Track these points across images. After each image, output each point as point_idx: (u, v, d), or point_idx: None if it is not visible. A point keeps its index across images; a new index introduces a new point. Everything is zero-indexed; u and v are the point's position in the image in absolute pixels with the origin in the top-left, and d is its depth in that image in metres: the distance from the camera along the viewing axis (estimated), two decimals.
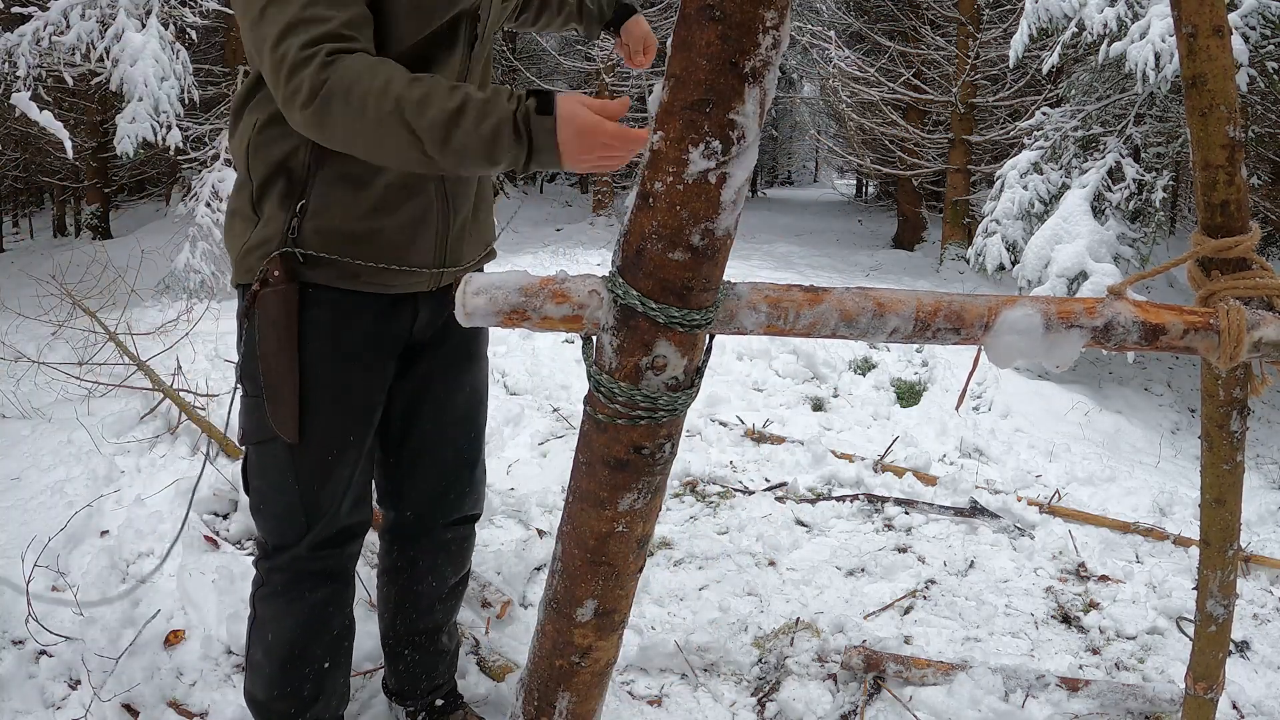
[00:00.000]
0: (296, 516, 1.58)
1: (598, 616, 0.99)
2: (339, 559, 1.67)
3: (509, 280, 0.89)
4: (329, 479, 1.57)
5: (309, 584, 1.64)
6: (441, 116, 1.19)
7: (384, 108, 1.20)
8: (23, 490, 3.29)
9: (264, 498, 1.60)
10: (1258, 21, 5.43)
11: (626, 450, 0.90)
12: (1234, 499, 1.26)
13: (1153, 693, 2.22)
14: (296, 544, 1.59)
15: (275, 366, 1.48)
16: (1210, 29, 1.03)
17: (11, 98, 6.68)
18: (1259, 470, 4.65)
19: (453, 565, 1.91)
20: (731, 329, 0.92)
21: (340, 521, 1.62)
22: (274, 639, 1.66)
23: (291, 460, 1.54)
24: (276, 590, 1.64)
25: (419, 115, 1.20)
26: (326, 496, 1.58)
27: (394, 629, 1.94)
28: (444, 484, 1.82)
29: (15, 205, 17.48)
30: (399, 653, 1.96)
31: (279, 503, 1.58)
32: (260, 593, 1.67)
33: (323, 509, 1.58)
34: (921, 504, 3.45)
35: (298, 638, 1.65)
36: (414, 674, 1.96)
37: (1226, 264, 1.09)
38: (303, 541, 1.59)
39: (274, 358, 1.48)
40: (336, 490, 1.59)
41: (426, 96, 1.21)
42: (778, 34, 0.74)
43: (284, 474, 1.55)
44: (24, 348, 5.12)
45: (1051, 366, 0.97)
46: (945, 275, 10.81)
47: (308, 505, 1.57)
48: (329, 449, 1.55)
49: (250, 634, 1.70)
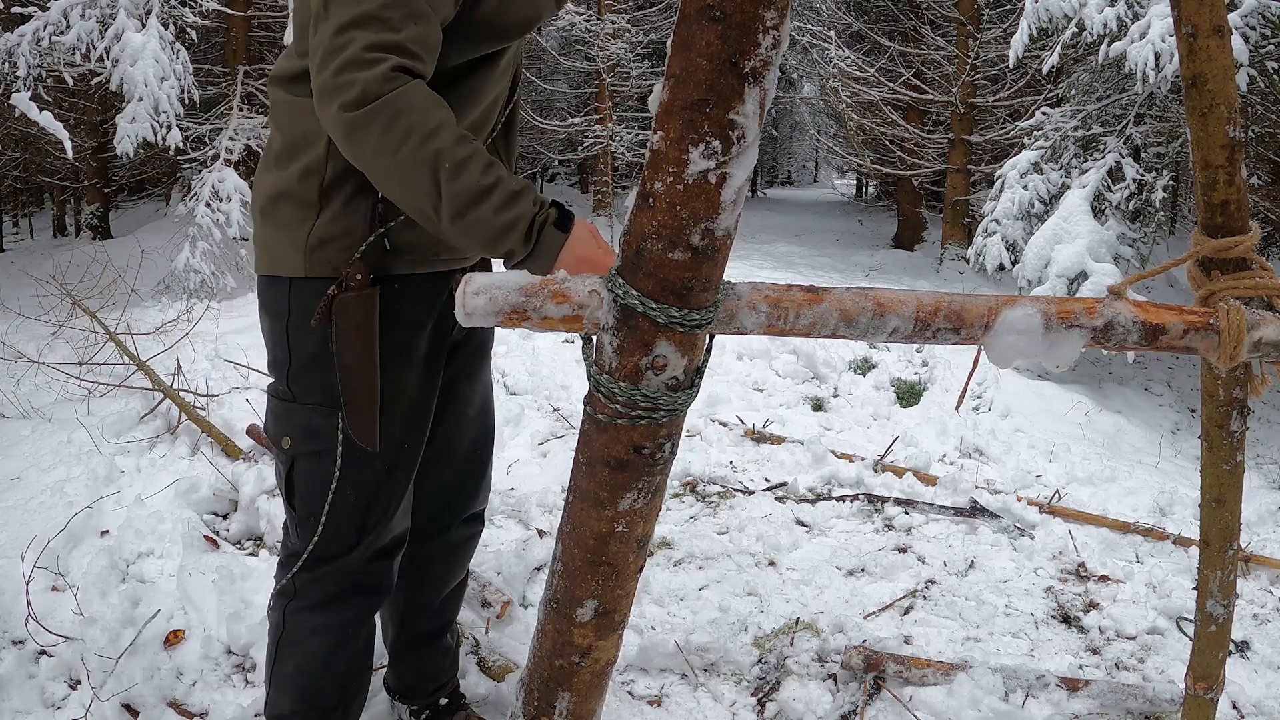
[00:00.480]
0: (350, 527, 1.52)
1: (598, 616, 0.99)
2: (387, 569, 1.62)
3: (509, 280, 0.89)
4: (389, 487, 1.53)
5: (347, 598, 1.58)
6: (471, 189, 1.19)
7: (423, 152, 1.19)
8: (23, 490, 3.29)
9: (314, 509, 1.52)
10: (1258, 21, 5.43)
11: (626, 450, 0.90)
12: (1234, 499, 1.26)
13: (1153, 693, 2.22)
14: (345, 555, 1.54)
15: (358, 375, 1.42)
16: (1210, 29, 1.03)
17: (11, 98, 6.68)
18: (1259, 470, 4.65)
19: (459, 565, 1.92)
20: (731, 329, 0.92)
21: (393, 530, 1.58)
22: (307, 655, 1.60)
23: (349, 470, 1.48)
24: (313, 604, 1.57)
25: (452, 177, 1.19)
26: (382, 506, 1.54)
27: (401, 631, 1.93)
28: (459, 481, 1.81)
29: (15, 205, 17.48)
30: (405, 653, 1.95)
31: (333, 514, 1.51)
32: (291, 606, 1.59)
33: (377, 519, 1.54)
34: (921, 504, 3.45)
35: (331, 653, 1.60)
36: (420, 674, 1.96)
37: (1226, 264, 1.09)
38: (353, 553, 1.54)
39: (356, 366, 1.42)
40: (394, 498, 1.55)
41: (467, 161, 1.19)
42: (778, 34, 0.74)
43: (341, 484, 1.49)
44: (24, 348, 5.12)
45: (1052, 366, 0.97)
46: (945, 275, 10.82)
47: (365, 515, 1.52)
48: (395, 456, 1.52)
49: (277, 648, 1.61)
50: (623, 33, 13.35)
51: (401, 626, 1.92)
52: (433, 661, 1.96)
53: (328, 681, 1.62)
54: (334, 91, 1.21)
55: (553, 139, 15.89)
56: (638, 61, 14.29)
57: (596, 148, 13.74)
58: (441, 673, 1.98)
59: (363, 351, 1.41)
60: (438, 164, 1.18)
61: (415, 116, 1.19)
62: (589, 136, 13.71)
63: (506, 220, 1.20)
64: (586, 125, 13.85)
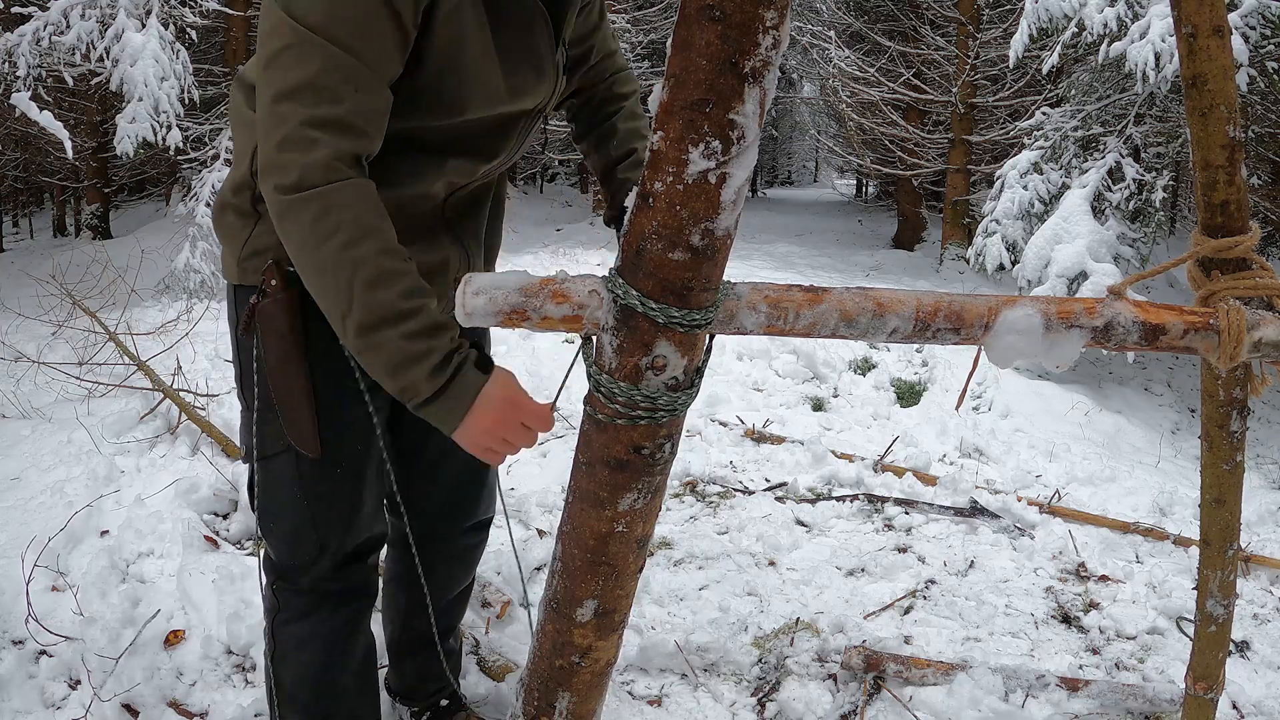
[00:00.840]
0: (308, 535, 1.48)
1: (598, 616, 0.99)
2: (362, 572, 1.58)
3: (509, 280, 0.89)
4: (343, 493, 1.49)
5: (331, 605, 1.54)
6: (385, 306, 1.11)
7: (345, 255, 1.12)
8: (23, 490, 3.29)
9: (274, 516, 1.50)
10: (1258, 21, 5.43)
11: (626, 450, 0.90)
12: (1234, 499, 1.26)
13: (1153, 693, 2.22)
14: (313, 564, 1.50)
15: (286, 380, 1.40)
16: (1210, 29, 1.03)
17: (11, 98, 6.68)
18: (1259, 470, 4.65)
19: (464, 571, 1.89)
20: (731, 329, 0.92)
21: (360, 535, 1.54)
22: (301, 670, 1.57)
23: (300, 475, 1.45)
24: (295, 616, 1.54)
25: (368, 289, 1.11)
26: (340, 511, 1.50)
27: (402, 634, 1.91)
28: (458, 491, 1.78)
29: (15, 205, 17.48)
30: (406, 656, 1.94)
31: (290, 521, 1.49)
32: (278, 619, 1.56)
33: (338, 526, 1.50)
34: (921, 504, 3.45)
35: (326, 666, 1.57)
36: (421, 676, 1.95)
37: (1226, 264, 1.09)
38: (319, 562, 1.50)
39: (283, 371, 1.39)
40: (352, 504, 1.51)
41: (389, 277, 1.12)
42: (778, 34, 0.74)
43: (293, 489, 1.46)
44: (24, 348, 5.12)
45: (1052, 367, 0.97)
46: (945, 275, 10.81)
47: (321, 522, 1.48)
48: (340, 462, 1.47)
49: (274, 666, 1.59)
50: (623, 33, 13.35)
51: (403, 629, 1.91)
52: (434, 665, 1.94)
53: (327, 694, 1.58)
54: (272, 170, 1.15)
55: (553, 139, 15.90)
56: (638, 61, 14.29)
57: None
58: (443, 676, 1.97)
59: (286, 358, 1.38)
60: (355, 271, 1.11)
61: (346, 215, 1.12)
62: None
63: (416, 350, 1.11)
64: None
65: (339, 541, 1.50)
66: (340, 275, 1.11)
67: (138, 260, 7.44)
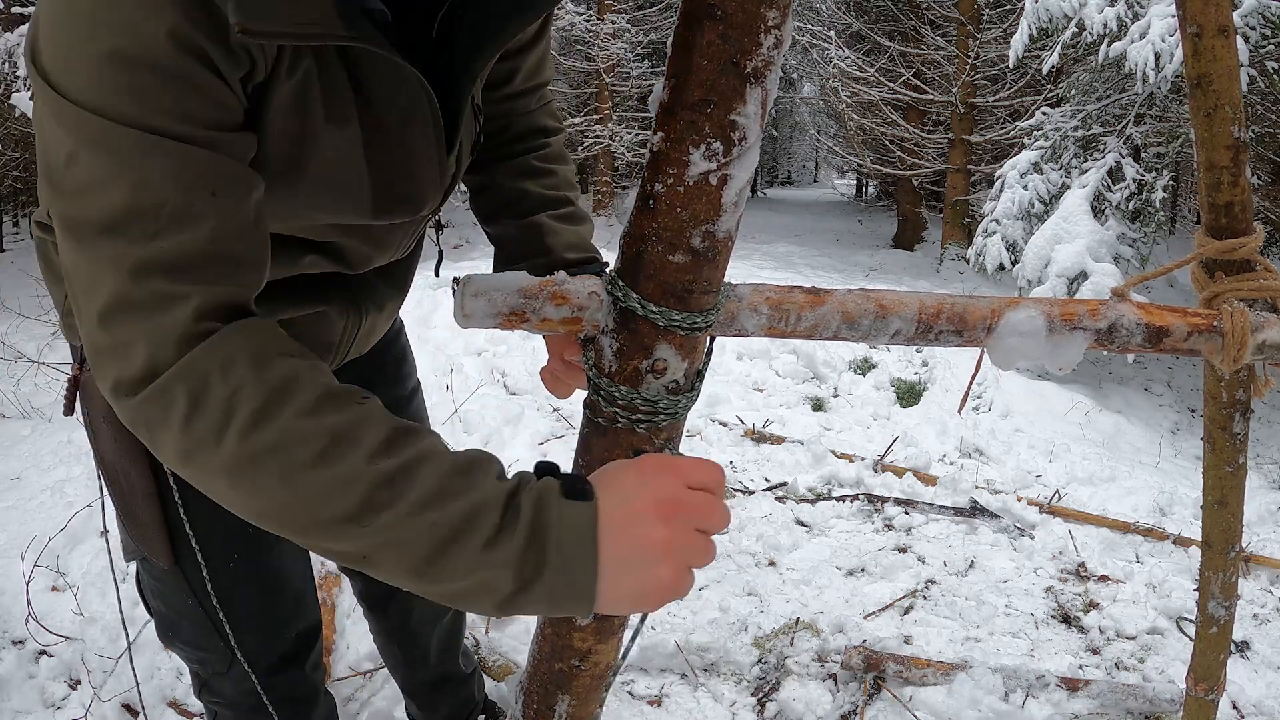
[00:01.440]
0: (213, 639, 1.19)
1: (597, 619, 0.99)
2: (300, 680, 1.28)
3: (508, 282, 0.89)
4: (243, 591, 1.17)
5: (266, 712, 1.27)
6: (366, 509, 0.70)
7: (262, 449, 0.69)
8: (23, 490, 3.29)
9: (169, 622, 1.22)
10: (1258, 21, 5.43)
11: (626, 453, 0.89)
12: (1236, 500, 1.26)
13: (1153, 693, 2.22)
14: (227, 672, 1.22)
15: (123, 474, 1.10)
16: (1215, 29, 1.03)
17: (11, 98, 6.67)
18: (1259, 470, 4.65)
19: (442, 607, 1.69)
20: (732, 331, 0.91)
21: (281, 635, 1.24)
22: None
23: (185, 580, 1.14)
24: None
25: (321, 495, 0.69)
26: (248, 614, 1.19)
27: (415, 681, 1.80)
28: None
29: (15, 205, 17.48)
30: (430, 696, 1.82)
31: (190, 629, 1.19)
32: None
33: (247, 626, 1.20)
34: (921, 504, 3.45)
35: None
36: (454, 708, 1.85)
37: (1230, 265, 1.09)
38: (234, 669, 1.22)
39: (116, 464, 1.10)
40: (262, 599, 1.20)
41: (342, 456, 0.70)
42: (779, 34, 0.73)
43: (182, 595, 1.16)
44: (24, 348, 5.12)
45: (1054, 369, 0.96)
46: (945, 275, 10.81)
47: (222, 624, 1.17)
48: (228, 558, 1.15)
49: None
50: (623, 33, 13.35)
51: (412, 678, 1.81)
52: (462, 695, 1.86)
53: None
54: (104, 357, 0.72)
55: None
56: (638, 61, 14.29)
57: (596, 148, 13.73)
58: (474, 700, 1.90)
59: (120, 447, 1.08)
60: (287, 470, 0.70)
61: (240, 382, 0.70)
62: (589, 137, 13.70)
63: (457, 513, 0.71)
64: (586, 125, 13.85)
65: (256, 646, 1.22)
66: (272, 486, 0.70)
67: None
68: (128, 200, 0.68)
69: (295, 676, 1.28)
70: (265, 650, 1.23)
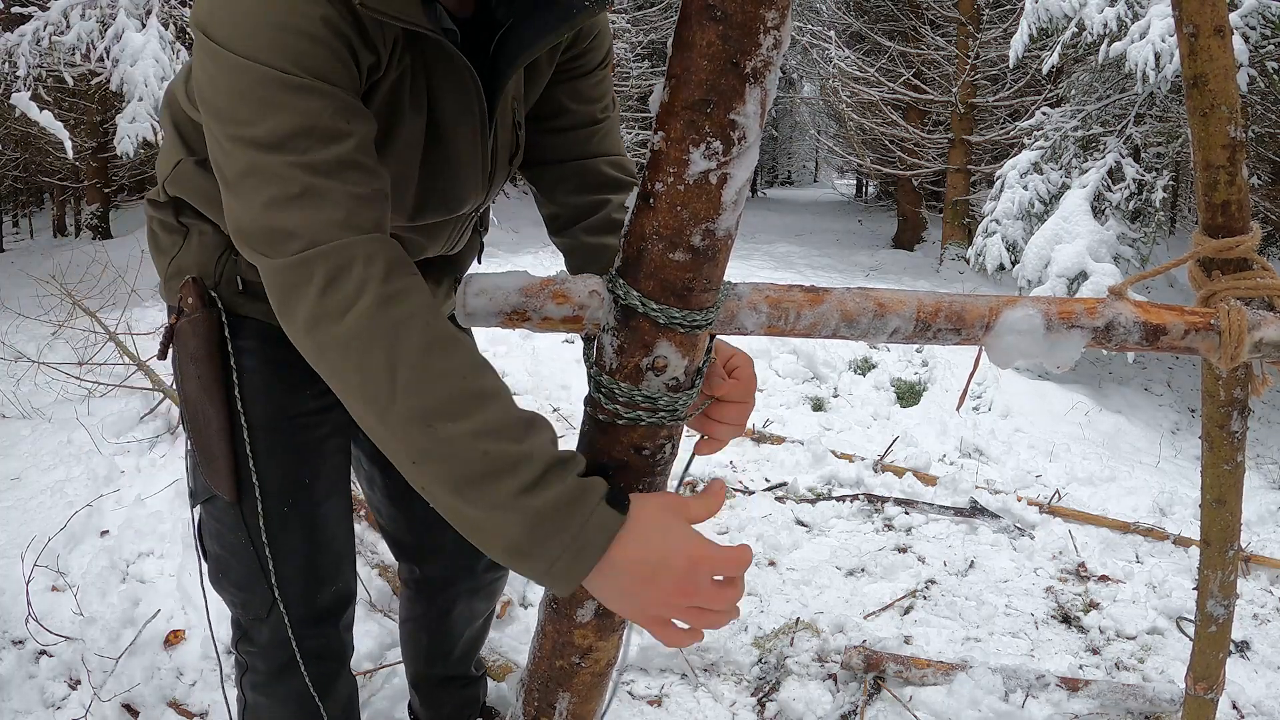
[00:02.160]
0: (259, 584, 1.31)
1: (598, 617, 0.99)
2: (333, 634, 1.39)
3: (509, 281, 0.89)
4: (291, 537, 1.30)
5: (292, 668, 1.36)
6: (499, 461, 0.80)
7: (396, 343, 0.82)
8: (23, 490, 3.29)
9: (223, 565, 1.34)
10: (1258, 21, 5.43)
11: (627, 451, 0.90)
12: (1235, 499, 1.26)
13: (1153, 693, 2.22)
14: (267, 618, 1.33)
15: (200, 412, 1.24)
16: (1212, 29, 1.03)
17: (11, 98, 6.69)
18: (1259, 470, 4.65)
19: (486, 603, 1.77)
20: (732, 329, 0.91)
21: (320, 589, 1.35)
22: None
23: (243, 517, 1.28)
24: (262, 677, 1.39)
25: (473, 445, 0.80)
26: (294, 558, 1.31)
27: (427, 673, 1.82)
28: None
29: (15, 205, 17.48)
30: (436, 694, 1.84)
31: (239, 570, 1.31)
32: (246, 680, 1.42)
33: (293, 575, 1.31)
34: (921, 504, 3.45)
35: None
36: (458, 709, 1.86)
37: (1227, 264, 1.09)
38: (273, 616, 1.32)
39: (197, 401, 1.23)
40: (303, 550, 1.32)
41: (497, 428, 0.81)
42: (779, 34, 0.74)
43: (237, 534, 1.29)
44: (24, 348, 5.12)
45: (1052, 367, 0.96)
46: (945, 275, 10.81)
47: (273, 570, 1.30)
48: (283, 501, 1.28)
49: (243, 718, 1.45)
50: (623, 33, 13.35)
51: (426, 667, 1.82)
52: (469, 695, 1.88)
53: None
54: (262, 236, 0.88)
55: None
56: (638, 61, 14.29)
57: None
58: (476, 699, 1.91)
59: (202, 385, 1.22)
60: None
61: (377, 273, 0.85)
62: None
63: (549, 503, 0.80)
64: None
65: (296, 594, 1.32)
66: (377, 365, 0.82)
67: (138, 260, 7.43)
68: (291, 123, 0.87)
69: (328, 633, 1.37)
70: (304, 599, 1.32)
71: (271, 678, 1.38)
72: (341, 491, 1.38)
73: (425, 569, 1.66)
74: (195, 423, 1.25)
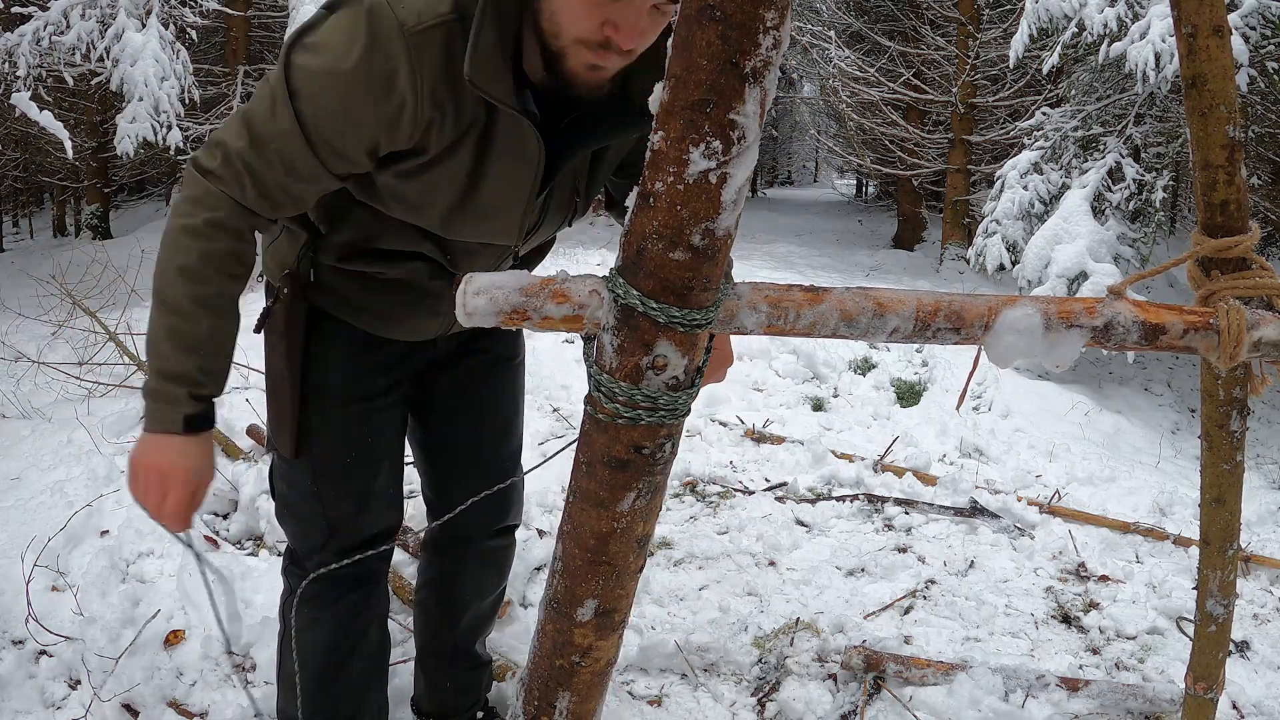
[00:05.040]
0: (318, 522, 1.55)
1: (598, 616, 0.99)
2: (369, 562, 1.60)
3: (509, 280, 0.89)
4: (347, 488, 1.55)
5: (338, 591, 1.59)
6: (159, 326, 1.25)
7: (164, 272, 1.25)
8: (23, 490, 3.29)
9: (288, 503, 1.59)
10: (1258, 21, 5.43)
11: (627, 450, 0.90)
12: (1234, 499, 1.26)
13: (1153, 693, 2.22)
14: (321, 549, 1.56)
15: (278, 383, 1.48)
16: (1210, 29, 1.03)
17: (11, 98, 6.68)
18: (1259, 470, 4.65)
19: (495, 577, 1.87)
20: (731, 329, 0.92)
21: (365, 529, 1.58)
22: (308, 650, 1.60)
23: (313, 470, 1.53)
24: (306, 598, 1.58)
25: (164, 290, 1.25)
26: (346, 505, 1.55)
27: (432, 644, 1.89)
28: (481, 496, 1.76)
29: (15, 205, 17.49)
30: (441, 672, 1.90)
31: (302, 509, 1.57)
32: (290, 602, 1.61)
33: (344, 517, 1.56)
34: (921, 504, 3.45)
35: (333, 648, 1.60)
36: (456, 689, 1.92)
37: (1226, 264, 1.09)
38: (325, 547, 1.56)
39: (278, 373, 1.47)
40: (356, 499, 1.56)
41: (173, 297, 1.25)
42: (778, 34, 0.74)
43: (304, 480, 1.54)
44: (24, 348, 5.12)
45: (1051, 366, 0.97)
46: (945, 275, 10.81)
47: (329, 513, 1.54)
48: (341, 459, 1.53)
49: (281, 648, 1.64)
50: None
51: (433, 641, 1.88)
52: (472, 678, 1.92)
53: (335, 682, 1.61)
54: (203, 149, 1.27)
55: None
56: None
57: None
58: (477, 687, 1.94)
59: (281, 363, 1.46)
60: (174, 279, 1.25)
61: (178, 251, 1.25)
62: None
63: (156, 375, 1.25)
64: None
65: (348, 530, 1.56)
66: (164, 268, 1.25)
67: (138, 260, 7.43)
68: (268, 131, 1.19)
69: (369, 564, 1.58)
70: (353, 534, 1.56)
71: (316, 597, 1.57)
72: (396, 450, 1.61)
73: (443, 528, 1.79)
74: (274, 390, 1.48)
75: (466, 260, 1.43)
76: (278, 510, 1.62)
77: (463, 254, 1.42)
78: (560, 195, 1.42)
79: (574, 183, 1.42)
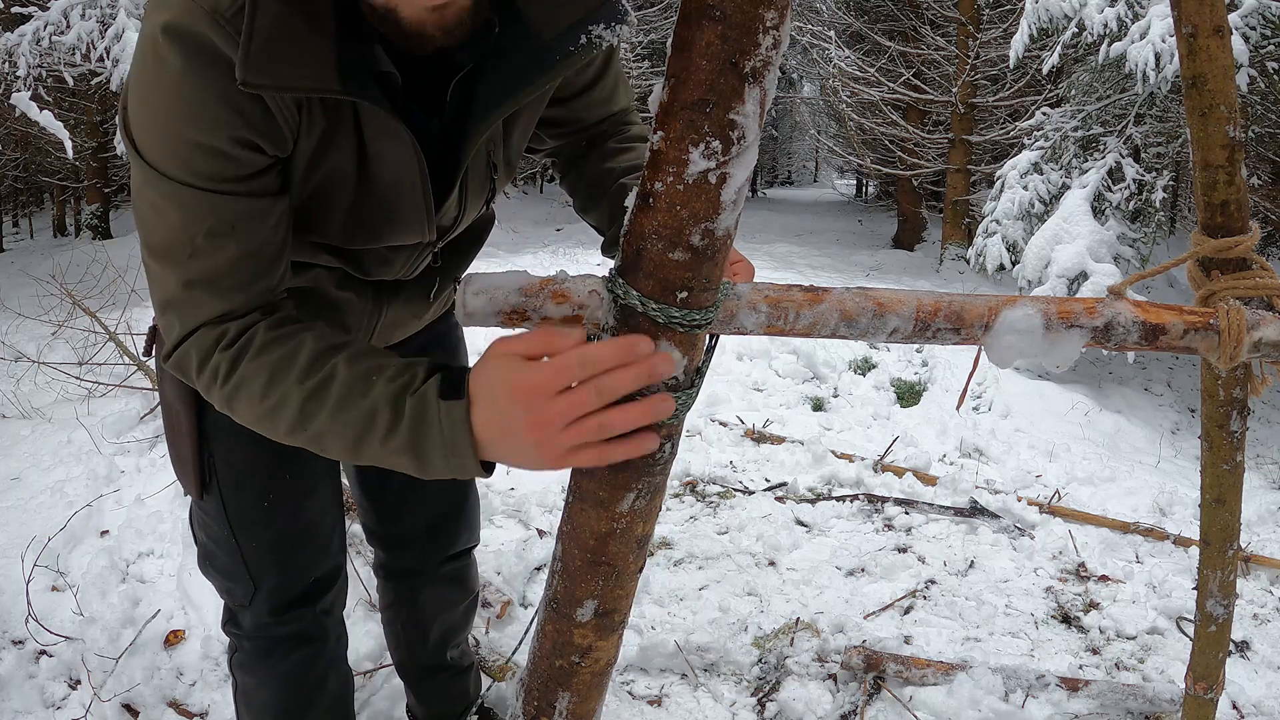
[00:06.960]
0: (240, 576, 1.37)
1: (598, 616, 0.99)
2: (310, 618, 1.43)
3: (509, 280, 0.89)
4: (268, 535, 1.35)
5: (282, 650, 1.43)
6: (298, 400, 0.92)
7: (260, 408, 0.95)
8: (23, 490, 3.29)
9: (208, 552, 1.40)
10: (1258, 21, 5.43)
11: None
12: (1234, 499, 1.26)
13: (1153, 693, 2.22)
14: (249, 606, 1.39)
15: (173, 414, 1.30)
16: (1210, 29, 1.03)
17: (11, 98, 6.68)
18: (1259, 470, 4.65)
19: (459, 591, 1.80)
20: (731, 329, 0.91)
21: (297, 580, 1.40)
22: (260, 709, 1.49)
23: (224, 511, 1.33)
24: (249, 657, 1.45)
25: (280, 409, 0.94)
26: (269, 556, 1.36)
27: (408, 661, 1.86)
28: (434, 523, 1.67)
29: (15, 205, 17.49)
30: (422, 684, 1.88)
31: (221, 561, 1.38)
32: (235, 660, 1.49)
33: (267, 568, 1.37)
34: (921, 504, 3.45)
35: (284, 709, 1.48)
36: (443, 698, 1.90)
37: (1226, 264, 1.09)
38: (254, 604, 1.38)
39: (173, 404, 1.29)
40: (280, 547, 1.37)
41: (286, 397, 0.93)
42: (778, 34, 0.74)
43: (218, 528, 1.35)
44: (24, 348, 5.12)
45: (1052, 367, 0.96)
46: (945, 275, 10.81)
47: (250, 565, 1.35)
48: (257, 500, 1.33)
49: (236, 702, 1.53)
50: None
51: (408, 659, 1.85)
52: (457, 685, 1.90)
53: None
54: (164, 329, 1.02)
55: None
56: (638, 61, 14.29)
57: None
58: (468, 694, 1.93)
59: (176, 391, 1.26)
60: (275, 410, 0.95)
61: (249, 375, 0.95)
62: None
63: (355, 416, 0.91)
64: None
65: (275, 583, 1.38)
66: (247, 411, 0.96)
67: (138, 260, 7.45)
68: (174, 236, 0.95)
69: (304, 616, 1.43)
70: (280, 588, 1.39)
71: (256, 659, 1.45)
72: (326, 486, 1.42)
73: (391, 556, 1.73)
74: (170, 422, 1.32)
75: (378, 267, 1.23)
76: (199, 560, 1.43)
77: (373, 261, 1.21)
78: (475, 176, 1.17)
79: (488, 156, 1.17)
